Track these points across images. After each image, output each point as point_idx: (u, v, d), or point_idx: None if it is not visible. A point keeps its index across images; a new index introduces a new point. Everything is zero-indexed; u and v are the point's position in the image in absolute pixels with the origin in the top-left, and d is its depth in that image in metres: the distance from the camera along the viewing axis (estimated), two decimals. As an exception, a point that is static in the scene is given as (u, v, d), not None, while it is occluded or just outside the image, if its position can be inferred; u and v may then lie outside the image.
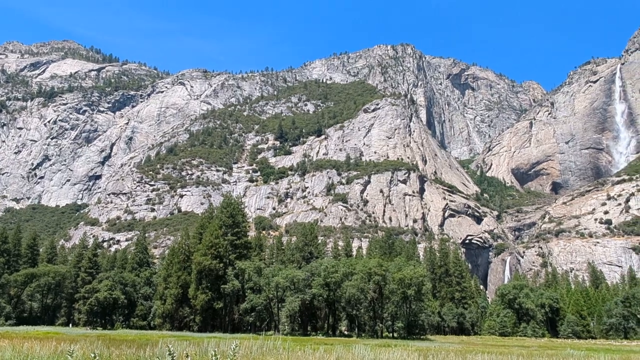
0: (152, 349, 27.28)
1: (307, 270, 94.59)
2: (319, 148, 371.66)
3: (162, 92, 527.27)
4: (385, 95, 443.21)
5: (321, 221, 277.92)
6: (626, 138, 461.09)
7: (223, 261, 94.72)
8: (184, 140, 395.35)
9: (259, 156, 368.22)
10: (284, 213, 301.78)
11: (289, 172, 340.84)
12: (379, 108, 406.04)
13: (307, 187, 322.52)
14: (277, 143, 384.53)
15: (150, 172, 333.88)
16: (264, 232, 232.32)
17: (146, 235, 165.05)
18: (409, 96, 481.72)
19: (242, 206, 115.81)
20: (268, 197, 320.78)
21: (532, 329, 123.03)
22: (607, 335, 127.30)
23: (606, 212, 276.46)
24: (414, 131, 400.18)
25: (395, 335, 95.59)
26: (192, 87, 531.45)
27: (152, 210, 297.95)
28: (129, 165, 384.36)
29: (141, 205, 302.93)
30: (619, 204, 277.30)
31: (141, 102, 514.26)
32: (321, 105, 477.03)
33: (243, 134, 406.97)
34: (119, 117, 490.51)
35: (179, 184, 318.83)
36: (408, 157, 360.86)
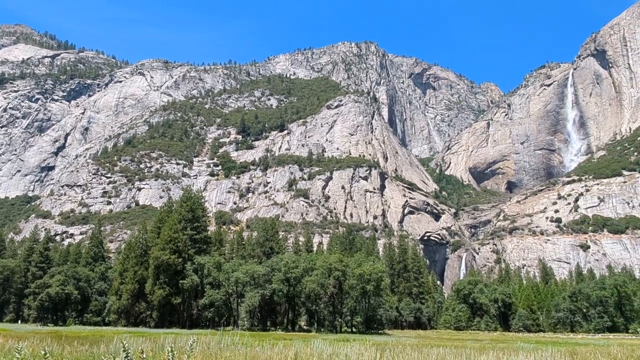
0: (106, 346, 26.62)
1: (267, 265, 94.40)
2: (282, 143, 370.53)
3: (120, 81, 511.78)
4: (348, 92, 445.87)
5: (282, 216, 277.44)
6: (576, 140, 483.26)
7: (182, 256, 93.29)
8: (143, 132, 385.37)
9: (221, 150, 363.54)
10: (245, 208, 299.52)
11: (251, 167, 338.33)
12: (342, 105, 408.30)
13: (269, 182, 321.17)
14: (239, 137, 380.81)
15: (107, 164, 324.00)
16: (224, 227, 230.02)
17: (102, 229, 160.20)
18: (371, 94, 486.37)
19: (203, 200, 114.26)
20: (229, 192, 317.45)
21: (486, 323, 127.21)
22: (554, 328, 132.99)
23: (557, 211, 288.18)
24: (376, 128, 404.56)
25: (354, 330, 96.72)
26: (152, 77, 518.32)
27: (109, 203, 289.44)
28: (85, 157, 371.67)
29: (97, 198, 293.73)
30: (569, 204, 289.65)
31: (98, 91, 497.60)
32: (284, 100, 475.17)
33: (204, 127, 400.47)
34: (74, 106, 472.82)
35: (137, 176, 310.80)
36: (370, 154, 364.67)
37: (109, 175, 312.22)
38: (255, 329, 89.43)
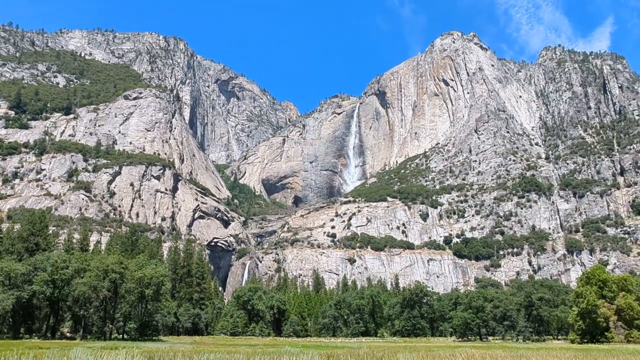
0: None
1: (29, 263, 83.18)
2: (66, 128, 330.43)
3: None
4: (150, 86, 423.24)
5: (56, 209, 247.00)
6: (355, 166, 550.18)
7: None
8: None
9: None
10: (9, 196, 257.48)
11: (23, 149, 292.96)
12: (141, 97, 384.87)
13: (43, 169, 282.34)
14: (12, 113, 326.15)
15: None
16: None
17: None
18: (175, 92, 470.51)
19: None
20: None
21: (260, 329, 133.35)
22: (320, 333, 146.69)
23: (333, 227, 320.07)
24: (175, 128, 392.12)
25: (125, 336, 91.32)
26: None
27: None
28: None
29: None
30: (344, 221, 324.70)
31: None
32: (75, 80, 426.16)
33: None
34: None
35: None
36: (165, 154, 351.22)
37: None
38: (4, 336, 77.55)
